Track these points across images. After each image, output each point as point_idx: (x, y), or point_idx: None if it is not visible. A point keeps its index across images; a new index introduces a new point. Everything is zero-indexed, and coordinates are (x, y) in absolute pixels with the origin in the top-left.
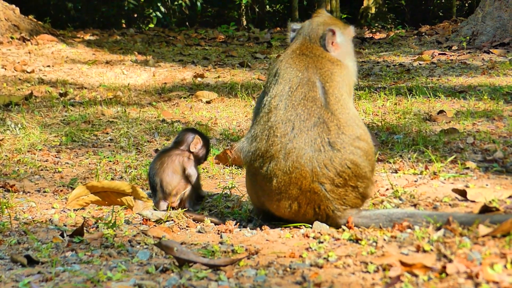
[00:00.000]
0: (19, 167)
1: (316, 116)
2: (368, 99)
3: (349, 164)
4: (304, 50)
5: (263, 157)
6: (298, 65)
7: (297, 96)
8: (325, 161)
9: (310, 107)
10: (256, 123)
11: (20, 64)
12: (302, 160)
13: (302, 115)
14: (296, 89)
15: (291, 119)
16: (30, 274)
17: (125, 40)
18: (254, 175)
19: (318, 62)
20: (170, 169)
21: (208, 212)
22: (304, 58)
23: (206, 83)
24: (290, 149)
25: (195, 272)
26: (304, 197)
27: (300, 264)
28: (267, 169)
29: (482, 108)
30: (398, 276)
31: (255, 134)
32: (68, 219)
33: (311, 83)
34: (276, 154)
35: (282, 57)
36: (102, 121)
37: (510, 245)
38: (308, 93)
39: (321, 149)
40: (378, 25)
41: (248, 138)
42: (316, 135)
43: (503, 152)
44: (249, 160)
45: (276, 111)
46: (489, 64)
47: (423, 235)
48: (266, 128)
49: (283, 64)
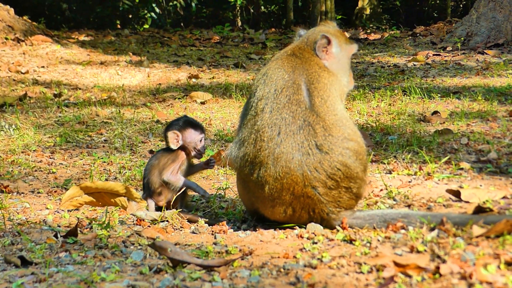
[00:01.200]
0: (13, 168)
1: (301, 119)
2: (363, 100)
3: (339, 165)
4: (295, 51)
5: (253, 163)
6: (286, 66)
7: (282, 99)
8: (315, 165)
9: (294, 110)
10: (244, 126)
11: (14, 65)
12: (291, 165)
13: (287, 119)
14: (281, 92)
15: (276, 123)
16: (23, 275)
17: (120, 41)
18: (246, 182)
19: (306, 64)
20: (156, 169)
21: (202, 213)
22: (293, 59)
23: (200, 84)
24: (278, 154)
25: (189, 273)
26: (298, 202)
27: (294, 265)
28: (257, 176)
29: (476, 109)
30: (391, 277)
31: (243, 138)
32: (62, 219)
33: (296, 86)
34: (265, 160)
35: (274, 57)
36: (97, 122)
37: (504, 246)
38: (292, 96)
39: (309, 152)
40: (373, 26)
41: (236, 142)
42: (303, 139)
43: (497, 153)
44: (239, 166)
45: (262, 114)
46: (484, 65)
47: (417, 236)
48: (253, 132)
49: (273, 64)
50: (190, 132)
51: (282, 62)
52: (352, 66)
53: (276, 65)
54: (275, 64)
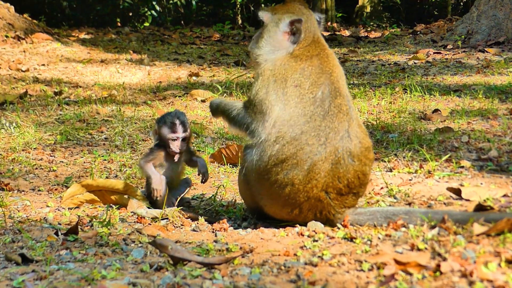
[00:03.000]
0: (14, 166)
1: (343, 129)
2: (363, 98)
3: (361, 175)
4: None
5: (284, 162)
6: (324, 66)
7: (329, 105)
8: (342, 174)
9: (341, 118)
10: (282, 122)
11: (15, 63)
12: (322, 172)
13: (335, 128)
14: (329, 97)
15: (325, 131)
16: (24, 273)
17: (120, 39)
18: (262, 179)
19: (335, 65)
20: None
21: (202, 211)
22: (326, 58)
23: (201, 82)
24: (316, 161)
25: (190, 271)
26: (307, 204)
27: (295, 263)
28: (284, 176)
29: (477, 107)
30: (392, 275)
31: (281, 135)
32: (62, 217)
33: (337, 91)
34: (301, 163)
35: (306, 53)
36: (97, 120)
37: (505, 244)
38: (339, 104)
39: (341, 162)
40: (373, 24)
41: (268, 134)
42: (341, 147)
43: (498, 151)
44: (266, 161)
45: (310, 116)
46: (484, 63)
47: (417, 234)
48: (297, 132)
49: (306, 63)
50: (163, 129)
51: (323, 61)
52: (353, 64)
53: (317, 64)
54: (317, 62)
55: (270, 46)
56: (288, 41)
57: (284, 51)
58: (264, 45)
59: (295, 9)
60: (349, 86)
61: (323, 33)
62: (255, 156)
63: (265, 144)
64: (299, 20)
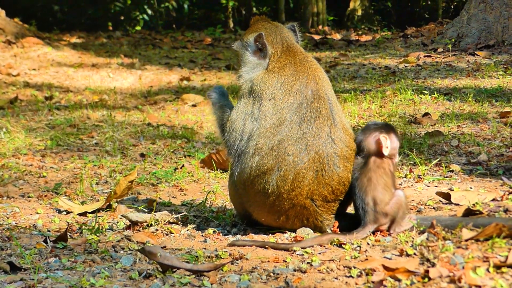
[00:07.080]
0: (3, 172)
1: (325, 135)
2: (354, 102)
3: (346, 182)
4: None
5: (266, 173)
6: (301, 74)
7: (309, 112)
8: (326, 181)
9: (321, 123)
10: (259, 134)
11: (5, 68)
12: (306, 180)
13: (315, 134)
14: (311, 104)
15: (304, 137)
16: (12, 281)
17: (111, 43)
18: (247, 187)
19: (318, 71)
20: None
21: (192, 217)
22: (305, 64)
23: (192, 86)
24: (299, 170)
25: (179, 278)
26: (293, 211)
27: (284, 269)
28: (269, 185)
29: (467, 110)
30: (381, 281)
31: (259, 147)
32: (52, 224)
33: (320, 98)
34: (283, 173)
35: (284, 61)
36: (88, 125)
37: (493, 249)
38: (320, 109)
39: (325, 168)
40: (364, 27)
41: (246, 147)
42: (325, 155)
43: (487, 155)
44: (249, 174)
45: (289, 126)
46: (474, 66)
47: (406, 239)
48: (275, 142)
49: (288, 71)
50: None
51: (297, 67)
52: (344, 68)
53: (290, 72)
54: (290, 70)
55: (247, 67)
56: (260, 58)
57: (261, 68)
58: (242, 69)
59: (258, 26)
60: (339, 90)
61: (314, 36)
62: (238, 169)
63: (244, 157)
64: (260, 35)
